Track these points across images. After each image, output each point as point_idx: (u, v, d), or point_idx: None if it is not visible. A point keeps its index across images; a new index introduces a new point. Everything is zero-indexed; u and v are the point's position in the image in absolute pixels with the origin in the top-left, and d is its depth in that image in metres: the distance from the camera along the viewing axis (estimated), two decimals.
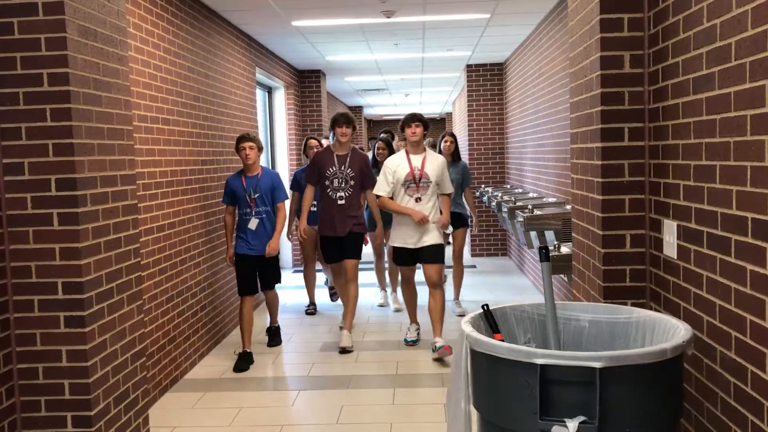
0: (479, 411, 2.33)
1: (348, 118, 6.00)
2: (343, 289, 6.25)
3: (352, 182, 6.00)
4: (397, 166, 5.64)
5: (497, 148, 11.11)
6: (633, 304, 3.04)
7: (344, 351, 5.84)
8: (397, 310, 7.29)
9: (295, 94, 10.65)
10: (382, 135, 7.64)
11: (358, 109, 19.98)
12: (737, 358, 2.24)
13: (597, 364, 2.01)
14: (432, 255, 5.57)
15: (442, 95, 16.99)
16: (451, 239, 7.22)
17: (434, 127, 24.74)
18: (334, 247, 6.10)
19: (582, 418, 2.00)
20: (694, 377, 2.60)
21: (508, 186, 10.46)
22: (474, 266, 9.99)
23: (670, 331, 2.35)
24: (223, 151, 6.68)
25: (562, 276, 5.98)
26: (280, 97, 10.35)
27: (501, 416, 2.19)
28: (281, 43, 8.56)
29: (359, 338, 6.23)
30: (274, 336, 6.19)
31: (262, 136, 9.43)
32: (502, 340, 2.44)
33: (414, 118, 5.60)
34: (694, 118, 2.53)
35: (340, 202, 5.97)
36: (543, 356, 2.06)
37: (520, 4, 6.89)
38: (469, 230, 7.52)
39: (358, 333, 6.36)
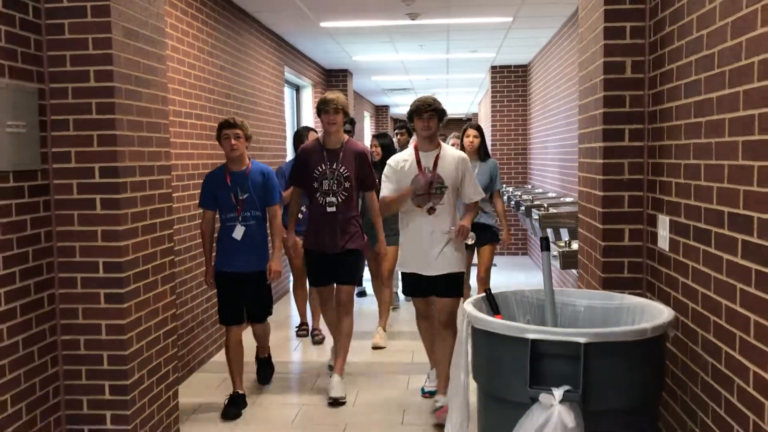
0: (478, 382, 2.56)
1: (336, 103, 4.60)
2: (332, 321, 4.93)
3: (347, 184, 4.63)
4: (401, 165, 4.27)
5: (520, 149, 11.30)
6: (630, 295, 3.24)
7: (336, 402, 4.55)
8: (376, 347, 5.89)
9: (322, 93, 10.94)
10: (382, 132, 6.64)
11: (384, 108, 20.24)
12: (714, 340, 2.45)
13: (582, 340, 2.23)
14: (447, 287, 4.21)
15: (468, 96, 17.19)
16: (476, 257, 6.07)
17: (460, 127, 24.89)
18: (322, 267, 4.74)
19: (567, 388, 2.22)
20: (680, 360, 2.81)
21: (530, 186, 10.65)
22: (495, 264, 10.18)
23: (656, 315, 2.56)
24: (252, 146, 6.97)
25: (575, 271, 6.17)
26: (308, 96, 10.63)
27: (497, 386, 2.43)
28: (309, 43, 8.84)
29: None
30: (264, 366, 4.95)
31: (289, 133, 9.72)
32: None
33: (426, 108, 4.16)
34: (684, 121, 2.74)
35: (329, 209, 4.60)
36: (534, 332, 2.29)
37: (541, 8, 7.09)
38: (498, 246, 6.16)
39: (373, 325, 6.35)
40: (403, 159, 4.30)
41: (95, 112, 3.33)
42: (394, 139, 7.15)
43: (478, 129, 6.02)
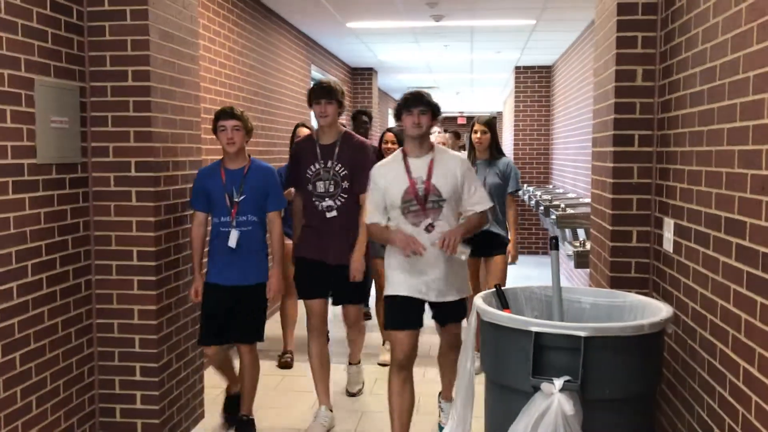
0: (485, 372, 2.72)
1: (329, 89, 3.94)
2: (318, 353, 4.19)
3: (344, 184, 3.95)
4: (388, 178, 3.48)
5: (542, 149, 11.40)
6: (635, 293, 3.38)
7: (354, 396, 4.66)
8: (384, 364, 5.02)
9: (347, 90, 11.12)
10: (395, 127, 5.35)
11: None
12: (710, 338, 2.59)
13: (582, 333, 2.38)
14: (452, 313, 3.64)
15: (493, 95, 17.28)
16: (483, 269, 5.17)
17: None
18: (315, 277, 4.05)
19: (567, 378, 2.37)
20: (681, 356, 2.95)
21: (551, 186, 10.76)
22: (514, 263, 10.29)
23: (656, 313, 2.69)
24: (278, 143, 7.19)
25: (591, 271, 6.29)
26: None
27: (502, 375, 2.59)
28: (336, 42, 9.03)
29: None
30: (243, 430, 3.94)
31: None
32: None
33: (416, 101, 3.43)
34: (689, 129, 2.87)
35: (329, 214, 3.97)
36: (537, 325, 2.45)
37: (564, 12, 7.20)
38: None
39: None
40: (390, 166, 3.54)
41: (132, 109, 3.53)
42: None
43: (488, 124, 5.06)
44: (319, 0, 6.61)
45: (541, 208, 7.23)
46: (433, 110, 3.46)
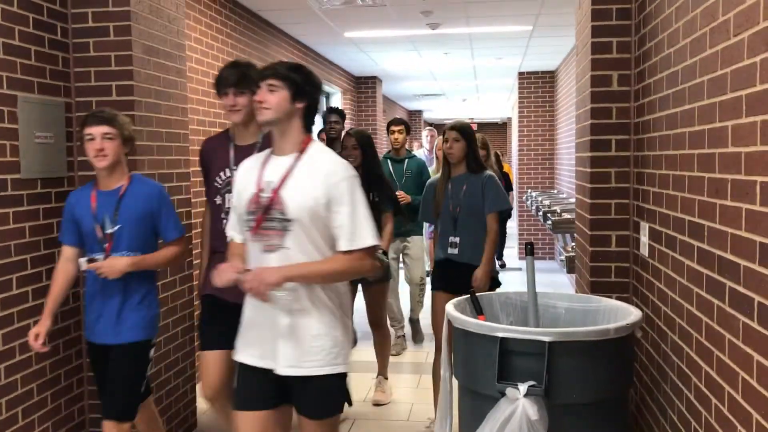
0: (458, 378, 2.74)
1: (238, 76, 3.10)
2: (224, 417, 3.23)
3: None
4: (243, 179, 2.55)
5: (547, 154, 11.40)
6: (618, 299, 3.38)
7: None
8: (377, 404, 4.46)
9: (351, 99, 11.18)
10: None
11: (417, 113, 20.41)
12: (679, 341, 2.60)
13: (547, 338, 2.40)
14: (311, 398, 2.44)
15: (501, 101, 17.29)
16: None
17: (494, 131, 24.92)
18: (216, 321, 3.12)
19: (532, 383, 2.39)
20: (656, 361, 2.95)
21: (555, 191, 10.74)
22: (519, 269, 10.28)
23: (626, 317, 2.71)
24: None
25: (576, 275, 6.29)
26: (337, 102, 10.88)
27: (471, 381, 2.61)
28: (336, 51, 9.09)
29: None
30: None
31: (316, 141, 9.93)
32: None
33: (266, 73, 2.61)
34: (659, 133, 2.88)
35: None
36: (503, 330, 2.47)
37: (560, 18, 7.20)
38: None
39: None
40: (252, 162, 2.58)
41: None
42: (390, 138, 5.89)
43: (461, 130, 3.94)
44: (314, 11, 6.68)
45: (540, 213, 7.24)
46: (292, 85, 2.53)
